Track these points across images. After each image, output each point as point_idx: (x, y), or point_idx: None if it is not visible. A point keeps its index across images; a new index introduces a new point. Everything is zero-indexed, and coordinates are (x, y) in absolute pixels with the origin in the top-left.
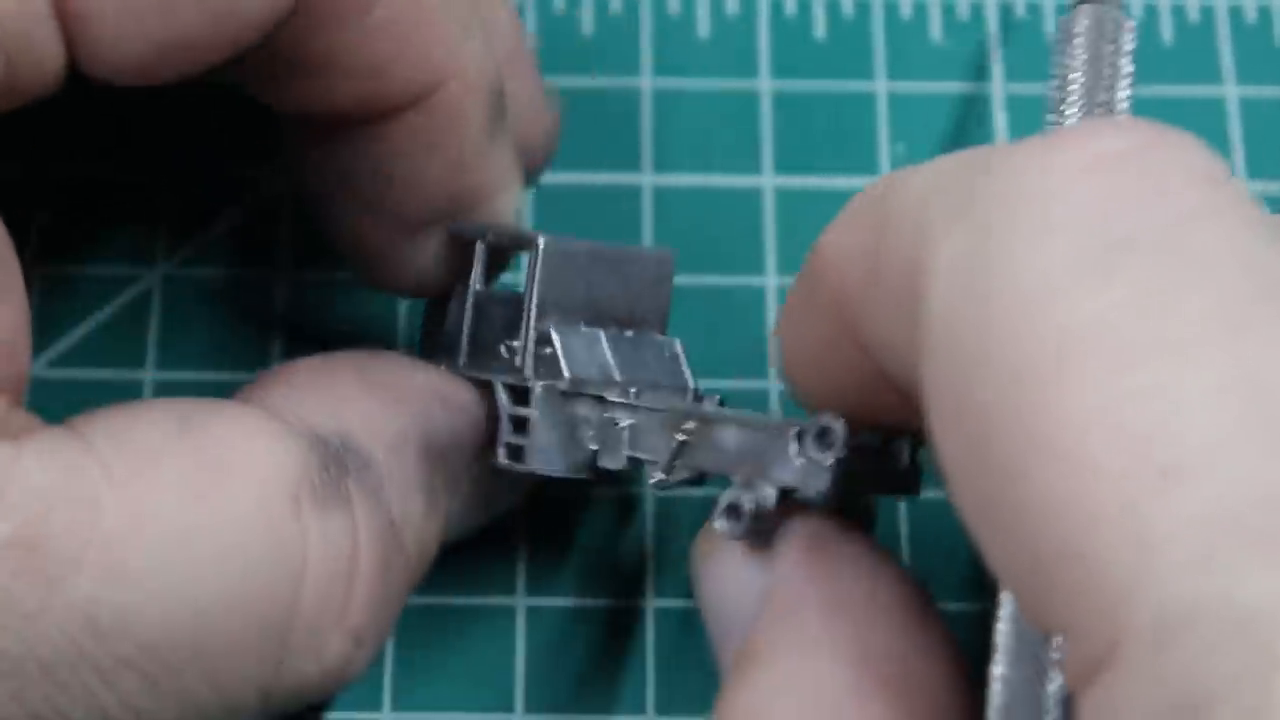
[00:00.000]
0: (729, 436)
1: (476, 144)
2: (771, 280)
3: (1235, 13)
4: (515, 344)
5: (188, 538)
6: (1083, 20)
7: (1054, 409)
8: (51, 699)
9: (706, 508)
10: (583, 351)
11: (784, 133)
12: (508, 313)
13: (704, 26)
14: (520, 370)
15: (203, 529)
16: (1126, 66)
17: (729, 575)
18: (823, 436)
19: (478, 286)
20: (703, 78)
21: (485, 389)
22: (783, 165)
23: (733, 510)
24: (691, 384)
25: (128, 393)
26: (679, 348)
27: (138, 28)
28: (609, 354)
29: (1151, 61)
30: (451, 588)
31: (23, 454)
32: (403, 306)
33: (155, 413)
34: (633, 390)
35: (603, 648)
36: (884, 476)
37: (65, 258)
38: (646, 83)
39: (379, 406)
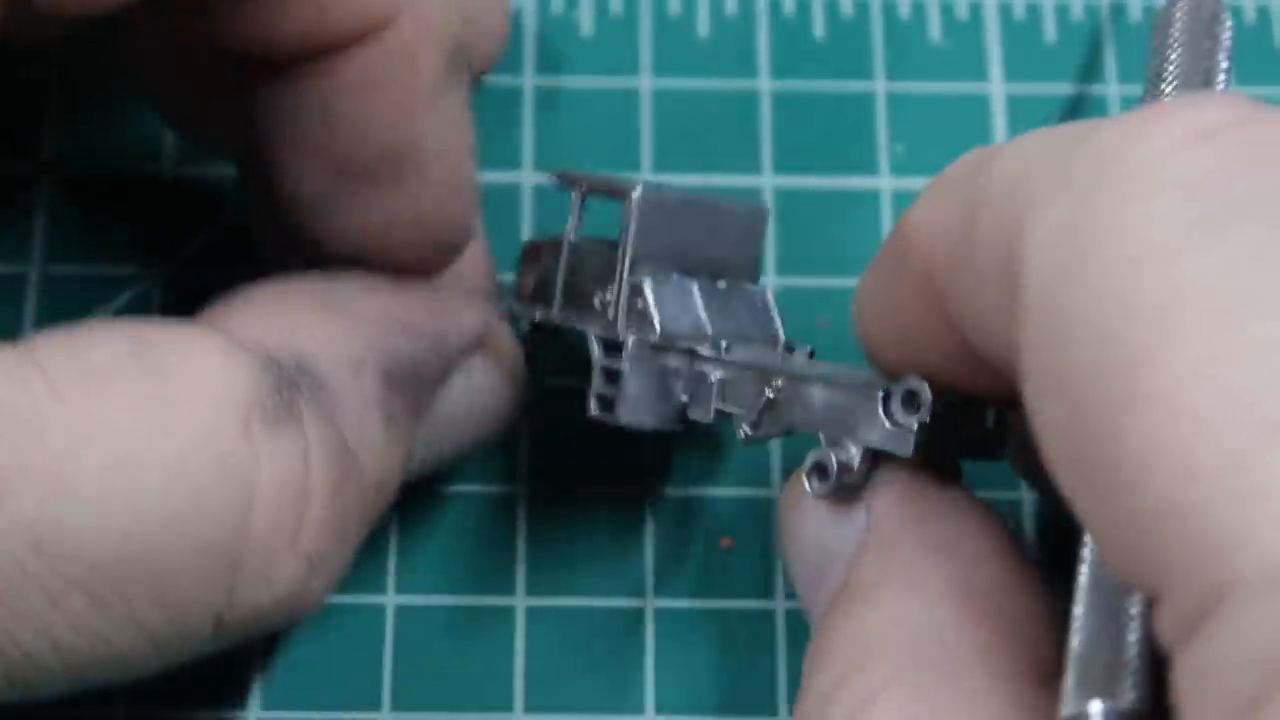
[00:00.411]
0: (816, 395)
1: (428, 90)
2: (772, 280)
3: (1235, 13)
4: (609, 295)
5: (136, 456)
6: (1179, 13)
7: (1157, 364)
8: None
9: (710, 507)
10: (675, 304)
11: (784, 133)
12: (602, 262)
13: (704, 26)
14: (613, 322)
15: (151, 447)
16: (1224, 61)
17: (820, 521)
18: (909, 400)
19: (572, 236)
20: (703, 78)
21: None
22: (782, 165)
23: (820, 470)
24: (782, 335)
25: None
26: (770, 297)
27: None
28: (700, 306)
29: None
30: (451, 588)
31: None
32: None
33: (108, 333)
34: (723, 344)
35: (603, 648)
36: (968, 440)
37: (65, 258)
38: (646, 83)
39: (337, 330)
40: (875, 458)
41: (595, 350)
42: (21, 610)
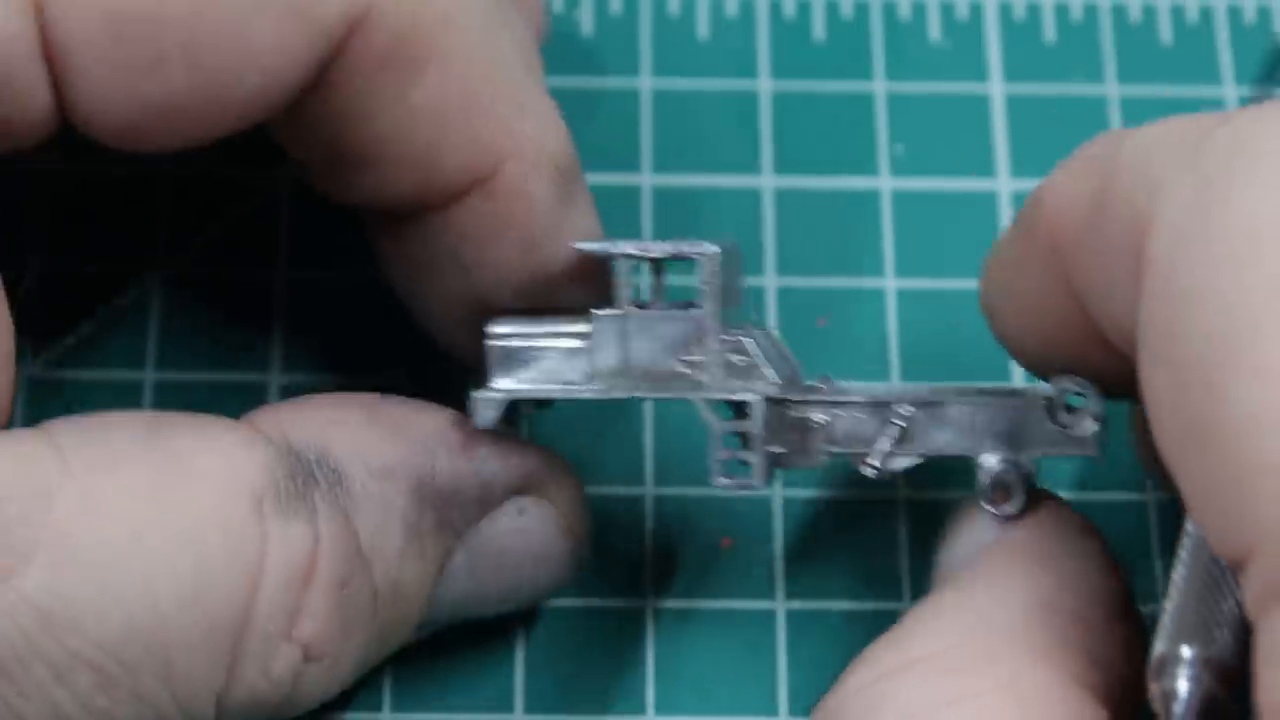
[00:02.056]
0: (956, 414)
1: (547, 219)
2: (771, 280)
3: (1234, 13)
4: (696, 357)
5: (144, 532)
6: None
7: (1269, 332)
8: (4, 696)
9: (705, 507)
10: (772, 353)
11: (784, 133)
12: (672, 328)
13: (704, 26)
14: (711, 386)
15: (160, 524)
16: None
17: (967, 531)
18: (1072, 402)
19: (630, 307)
20: (703, 78)
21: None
22: (782, 165)
23: (1001, 486)
24: (799, 369)
25: (128, 393)
26: (777, 334)
27: (126, 82)
28: (776, 345)
29: (1151, 62)
30: None
31: None
32: (403, 307)
33: (125, 418)
34: (823, 386)
35: (603, 648)
36: (1057, 435)
37: (65, 258)
38: (646, 83)
39: (372, 435)
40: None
41: (709, 416)
42: (28, 686)
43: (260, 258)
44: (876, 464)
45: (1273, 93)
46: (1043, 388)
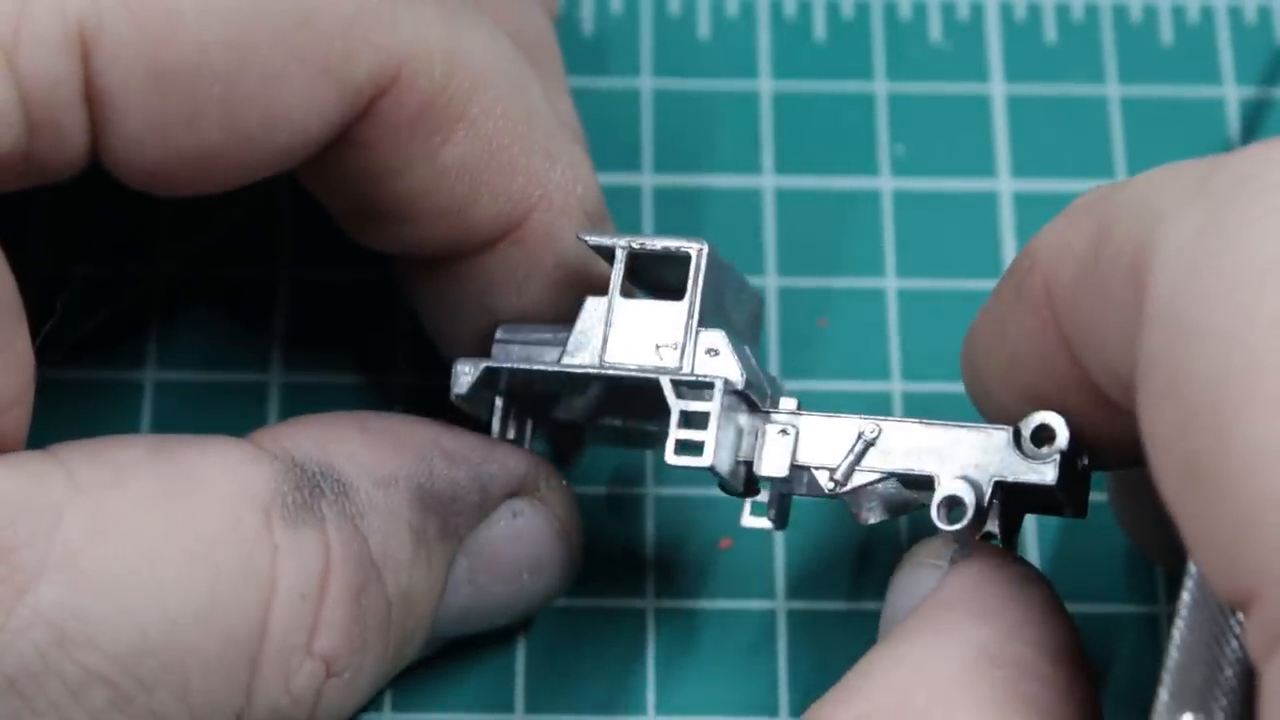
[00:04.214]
0: (922, 436)
1: (575, 264)
2: (772, 280)
3: (1235, 14)
4: (671, 347)
5: (155, 547)
6: None
7: (1274, 367)
8: (18, 715)
9: (705, 507)
10: (746, 357)
11: (784, 133)
12: (654, 319)
13: (704, 26)
14: (683, 371)
15: (170, 539)
16: None
17: (910, 581)
18: (1039, 434)
19: (618, 295)
20: (703, 78)
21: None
22: (783, 165)
23: (953, 504)
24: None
25: (128, 393)
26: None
27: (161, 132)
28: (753, 361)
29: (1151, 62)
30: None
31: None
32: (404, 308)
33: (129, 438)
34: (795, 400)
35: (603, 648)
36: (1071, 489)
37: (65, 258)
38: (646, 83)
39: (371, 447)
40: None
41: (670, 395)
42: (43, 704)
43: (260, 258)
44: (837, 479)
45: (1272, 94)
46: (992, 426)
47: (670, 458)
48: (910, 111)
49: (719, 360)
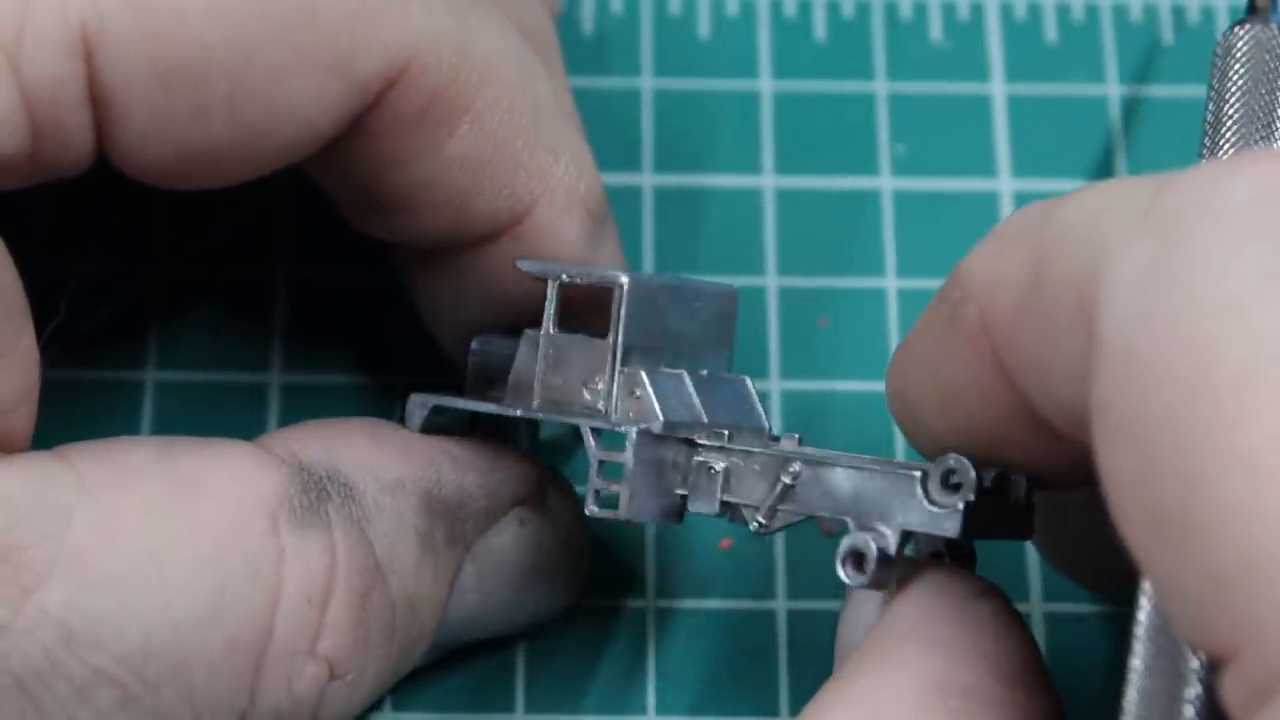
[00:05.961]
0: (841, 479)
1: (577, 260)
2: (772, 280)
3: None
4: (598, 386)
5: (162, 548)
6: (1240, 41)
7: (1243, 418)
8: (25, 715)
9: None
10: (671, 393)
11: (784, 133)
12: (585, 355)
13: (704, 26)
14: (606, 415)
15: (177, 540)
16: None
17: (858, 611)
18: (948, 478)
19: (551, 329)
20: (703, 77)
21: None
22: (783, 165)
23: (856, 557)
24: (766, 423)
25: (128, 393)
26: (750, 386)
27: (167, 129)
28: (694, 395)
29: (1151, 62)
30: None
31: None
32: (404, 308)
33: (136, 440)
34: (726, 433)
35: (603, 648)
36: (999, 519)
37: (65, 258)
38: (646, 83)
39: (377, 452)
40: (909, 541)
41: (590, 443)
42: (49, 705)
43: (260, 258)
44: (761, 519)
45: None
46: (927, 465)
47: (589, 508)
48: (910, 111)
49: (640, 402)
